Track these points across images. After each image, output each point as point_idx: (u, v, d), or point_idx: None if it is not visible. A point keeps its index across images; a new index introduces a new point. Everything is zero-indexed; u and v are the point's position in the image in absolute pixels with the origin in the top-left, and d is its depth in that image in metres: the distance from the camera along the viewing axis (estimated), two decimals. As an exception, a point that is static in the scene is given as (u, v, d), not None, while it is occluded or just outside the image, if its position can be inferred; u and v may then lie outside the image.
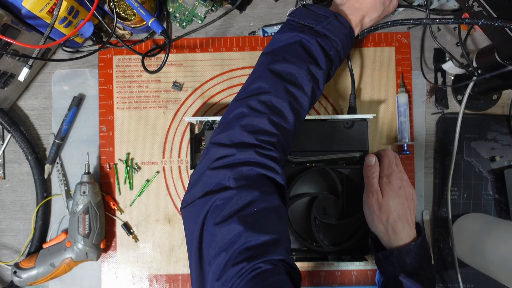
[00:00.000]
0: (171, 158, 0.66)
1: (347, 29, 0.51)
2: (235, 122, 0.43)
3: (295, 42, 0.48)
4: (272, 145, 0.43)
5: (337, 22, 0.50)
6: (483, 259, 0.55)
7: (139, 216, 0.66)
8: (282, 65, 0.47)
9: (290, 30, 0.50)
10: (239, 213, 0.38)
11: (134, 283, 0.65)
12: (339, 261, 0.59)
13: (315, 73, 0.47)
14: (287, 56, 0.48)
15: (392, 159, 0.55)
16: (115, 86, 0.66)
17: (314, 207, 0.57)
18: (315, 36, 0.48)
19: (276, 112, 0.44)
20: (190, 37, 0.66)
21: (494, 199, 0.65)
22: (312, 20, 0.50)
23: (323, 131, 0.59)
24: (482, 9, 0.45)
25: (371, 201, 0.53)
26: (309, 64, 0.47)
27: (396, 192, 0.52)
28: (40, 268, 0.61)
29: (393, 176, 0.53)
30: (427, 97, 0.65)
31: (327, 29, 0.49)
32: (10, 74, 0.61)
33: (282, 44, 0.49)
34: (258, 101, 0.44)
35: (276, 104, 0.44)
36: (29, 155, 0.64)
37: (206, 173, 0.42)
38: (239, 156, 0.41)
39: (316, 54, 0.48)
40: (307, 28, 0.50)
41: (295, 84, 0.46)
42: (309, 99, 0.47)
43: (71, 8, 0.57)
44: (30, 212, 0.67)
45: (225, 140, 0.43)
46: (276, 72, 0.46)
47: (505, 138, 0.65)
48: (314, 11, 0.52)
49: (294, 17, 0.52)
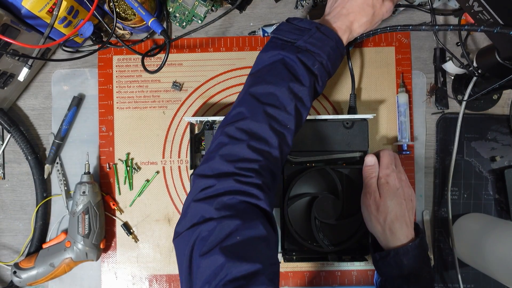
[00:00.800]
0: (171, 158, 0.66)
1: (332, 40, 0.49)
2: (215, 153, 0.44)
3: (278, 61, 0.47)
4: (253, 172, 0.42)
5: (319, 34, 0.48)
6: (483, 259, 0.55)
7: (139, 216, 0.66)
8: (262, 87, 0.46)
9: (272, 48, 0.49)
10: (221, 243, 0.38)
11: (134, 283, 0.65)
12: (339, 261, 0.59)
13: (297, 91, 0.46)
14: (268, 76, 0.47)
15: (391, 160, 0.55)
16: (115, 86, 0.66)
17: (314, 207, 0.56)
18: (296, 53, 0.47)
19: (256, 138, 0.44)
20: (190, 37, 0.66)
21: (494, 199, 0.65)
22: (295, 35, 0.49)
23: (323, 131, 0.59)
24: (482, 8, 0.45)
25: (368, 202, 0.53)
26: (290, 82, 0.46)
27: (394, 192, 0.52)
28: (40, 268, 0.61)
29: (392, 176, 0.53)
30: (427, 97, 0.65)
31: (309, 43, 0.48)
32: (10, 74, 0.60)
33: (265, 64, 0.48)
34: (236, 128, 0.44)
35: (255, 129, 0.44)
36: (28, 155, 0.64)
37: (191, 205, 0.42)
38: (219, 186, 0.41)
39: (298, 71, 0.47)
40: (289, 44, 0.48)
41: (276, 105, 0.45)
42: (294, 118, 0.46)
43: (71, 8, 0.56)
44: (30, 212, 0.67)
45: (207, 171, 0.43)
46: (256, 96, 0.46)
47: (506, 138, 0.64)
48: (296, 25, 0.50)
49: (276, 34, 0.50)
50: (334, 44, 0.49)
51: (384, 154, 0.55)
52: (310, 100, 0.48)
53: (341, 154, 0.59)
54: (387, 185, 0.53)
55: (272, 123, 0.44)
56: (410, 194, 0.54)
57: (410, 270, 0.50)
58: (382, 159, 0.55)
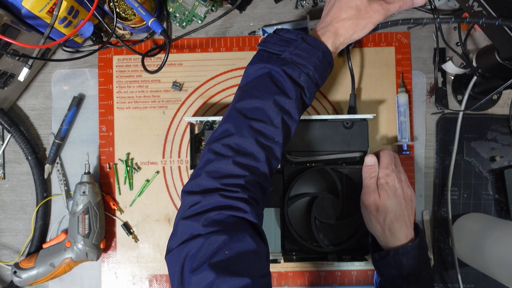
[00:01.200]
0: (171, 158, 0.66)
1: (319, 50, 0.48)
2: (202, 169, 0.44)
3: (264, 74, 0.47)
4: (239, 187, 0.42)
5: (305, 44, 0.48)
6: (483, 259, 0.55)
7: (139, 216, 0.66)
8: (248, 102, 0.46)
9: (258, 61, 0.49)
10: (210, 260, 0.38)
11: (134, 283, 0.65)
12: (339, 261, 0.59)
13: (283, 105, 0.46)
14: (254, 90, 0.47)
15: (391, 160, 0.55)
16: (115, 86, 0.66)
17: (314, 207, 0.56)
18: (281, 65, 0.47)
19: (242, 153, 0.44)
20: (190, 37, 0.66)
21: (494, 199, 0.65)
22: (281, 46, 0.48)
23: (323, 131, 0.59)
24: (482, 9, 0.45)
25: (368, 202, 0.53)
26: (276, 95, 0.46)
27: (393, 192, 0.52)
28: (40, 268, 0.61)
29: (391, 176, 0.53)
30: (427, 97, 0.65)
31: (295, 54, 0.47)
32: (10, 74, 0.61)
33: (252, 78, 0.48)
34: (222, 145, 0.44)
35: (241, 144, 0.44)
36: (29, 155, 0.64)
37: (180, 223, 0.42)
38: (206, 202, 0.42)
39: (284, 84, 0.46)
40: (274, 56, 0.48)
41: (262, 120, 0.45)
42: (281, 131, 0.46)
43: (71, 8, 0.56)
44: (30, 212, 0.67)
45: (194, 188, 0.44)
46: (242, 111, 0.46)
47: (505, 138, 0.65)
48: (283, 36, 0.50)
49: (263, 46, 0.50)
50: (320, 55, 0.48)
51: (384, 154, 0.55)
52: (298, 112, 0.47)
53: (341, 154, 0.59)
54: (386, 185, 0.53)
55: (258, 137, 0.45)
56: (409, 194, 0.54)
57: (409, 270, 0.50)
58: (381, 159, 0.55)
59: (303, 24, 0.63)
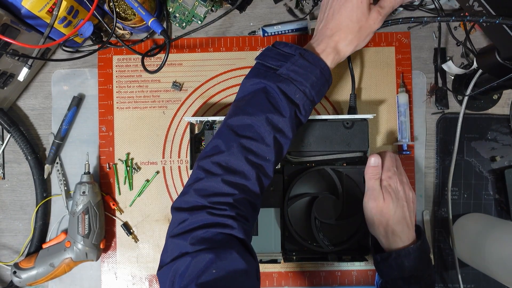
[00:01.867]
0: (171, 158, 0.66)
1: (317, 67, 0.47)
2: (190, 187, 0.44)
3: (260, 90, 0.46)
4: (227, 205, 0.42)
5: (303, 60, 0.47)
6: (483, 259, 0.55)
7: (139, 216, 0.66)
8: (240, 118, 0.45)
9: (254, 76, 0.47)
10: (197, 279, 0.38)
11: (134, 283, 0.65)
12: (339, 261, 0.59)
13: (276, 123, 0.45)
14: (248, 107, 0.46)
15: (393, 162, 0.55)
16: (115, 86, 0.66)
17: (314, 207, 0.56)
18: (277, 82, 0.45)
19: (232, 171, 0.43)
20: (190, 37, 0.66)
21: (494, 199, 0.65)
22: (278, 61, 0.47)
23: (323, 131, 0.59)
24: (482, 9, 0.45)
25: (372, 205, 0.52)
26: (269, 113, 0.45)
27: (396, 195, 0.52)
28: (40, 268, 0.61)
29: (394, 179, 0.53)
30: (427, 97, 0.65)
31: (291, 71, 0.46)
32: (9, 74, 0.60)
33: (248, 92, 0.47)
34: (211, 163, 0.44)
35: (231, 163, 0.44)
36: (28, 155, 0.64)
37: (168, 241, 0.42)
38: (193, 220, 0.42)
39: (278, 101, 0.45)
40: (271, 71, 0.47)
41: (253, 137, 0.44)
42: (273, 149, 0.45)
43: (70, 7, 0.56)
44: (30, 212, 0.67)
45: (182, 204, 0.43)
46: (233, 128, 0.45)
47: (506, 138, 0.64)
48: (281, 50, 0.49)
49: (260, 60, 0.49)
50: (318, 72, 0.47)
51: (386, 156, 0.55)
52: (291, 130, 0.47)
53: (341, 154, 0.59)
54: (389, 187, 0.52)
55: (249, 156, 0.44)
56: (411, 196, 0.54)
57: (411, 272, 0.50)
58: (384, 161, 0.55)
59: (303, 24, 0.63)
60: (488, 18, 0.44)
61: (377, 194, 0.52)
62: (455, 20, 0.50)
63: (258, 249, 0.58)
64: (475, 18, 0.45)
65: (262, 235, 0.58)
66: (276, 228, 0.58)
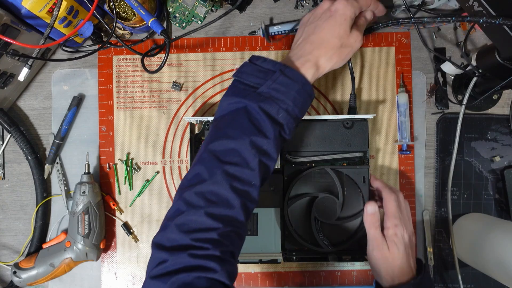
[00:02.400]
0: (171, 158, 0.66)
1: (298, 83, 0.45)
2: (171, 221, 0.41)
3: (240, 109, 0.44)
4: (210, 242, 0.40)
5: (284, 77, 0.44)
6: (483, 259, 0.55)
7: (139, 216, 0.66)
8: (222, 143, 0.43)
9: (234, 94, 0.45)
10: None
11: (134, 283, 0.65)
12: (339, 261, 0.59)
13: (261, 145, 0.43)
14: (229, 129, 0.43)
15: (396, 207, 0.53)
16: (115, 86, 0.66)
17: (314, 207, 0.56)
18: (258, 102, 0.43)
19: (215, 202, 0.41)
20: (190, 37, 0.66)
21: (494, 199, 0.65)
22: (258, 78, 0.45)
23: (323, 131, 0.59)
24: (482, 9, 0.45)
25: (377, 255, 0.51)
26: (253, 136, 0.42)
27: (402, 242, 0.51)
28: (40, 268, 0.61)
29: (400, 227, 0.52)
30: (427, 97, 0.65)
31: (272, 88, 0.44)
32: (10, 74, 0.60)
33: (227, 111, 0.45)
34: (194, 194, 0.41)
35: (214, 192, 0.41)
36: (28, 155, 0.64)
37: (147, 282, 0.40)
38: (173, 261, 0.39)
39: (261, 123, 0.43)
40: (251, 90, 0.44)
41: (237, 163, 0.42)
42: (258, 172, 0.43)
43: (70, 8, 0.56)
44: (30, 212, 0.67)
45: (163, 241, 0.41)
46: (215, 153, 0.43)
47: (506, 138, 0.64)
48: (260, 66, 0.46)
49: (238, 77, 0.46)
50: (300, 87, 0.45)
51: (389, 201, 0.53)
52: (276, 151, 0.45)
53: (341, 154, 0.59)
54: (395, 237, 0.51)
55: (233, 183, 0.42)
56: (412, 236, 0.53)
57: None
58: (387, 207, 0.53)
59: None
60: (488, 19, 0.44)
61: (380, 244, 0.51)
62: (455, 21, 0.50)
63: (258, 249, 0.58)
64: (475, 18, 0.45)
65: (262, 235, 0.58)
66: (276, 228, 0.58)
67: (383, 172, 0.65)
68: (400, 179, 0.65)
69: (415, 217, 0.65)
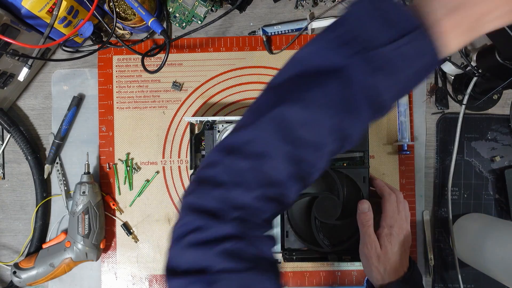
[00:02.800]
0: (171, 158, 0.66)
1: (432, 56, 0.30)
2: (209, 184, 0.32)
3: (333, 72, 0.30)
4: None
5: (422, 42, 0.29)
6: (483, 259, 0.55)
7: (139, 216, 0.66)
8: (296, 112, 0.30)
9: (329, 47, 0.30)
10: None
11: (134, 283, 0.65)
12: (339, 261, 0.59)
13: (347, 130, 0.31)
14: (309, 94, 0.30)
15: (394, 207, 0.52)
16: (115, 86, 0.66)
17: (314, 207, 0.56)
18: (371, 72, 0.29)
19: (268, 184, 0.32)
20: (190, 37, 0.66)
21: (494, 199, 0.64)
22: (380, 30, 0.29)
23: (323, 131, 0.58)
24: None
25: (369, 253, 0.51)
26: (344, 116, 0.30)
27: (396, 241, 0.51)
28: (40, 268, 0.61)
29: (395, 227, 0.51)
30: (427, 97, 0.65)
31: (400, 54, 0.29)
32: (9, 74, 0.60)
33: (311, 68, 0.31)
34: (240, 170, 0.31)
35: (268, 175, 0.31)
36: (28, 155, 0.64)
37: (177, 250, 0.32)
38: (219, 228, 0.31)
39: (358, 101, 0.30)
40: (362, 45, 0.29)
41: (308, 144, 0.31)
42: (325, 162, 0.33)
43: (70, 7, 0.56)
44: (30, 212, 0.67)
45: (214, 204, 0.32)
46: (283, 124, 0.30)
47: (506, 138, 0.64)
48: (390, 11, 0.29)
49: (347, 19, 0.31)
50: (430, 61, 0.30)
51: (388, 201, 0.53)
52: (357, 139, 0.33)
53: (341, 154, 0.59)
54: (390, 236, 0.51)
55: (295, 170, 0.32)
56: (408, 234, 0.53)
57: None
58: (386, 207, 0.53)
59: (303, 24, 0.63)
60: None
61: (372, 241, 0.51)
62: None
63: (258, 249, 0.58)
64: None
65: (262, 235, 0.58)
66: (276, 228, 0.58)
67: (383, 172, 0.65)
68: (400, 179, 0.65)
69: (415, 217, 0.64)
